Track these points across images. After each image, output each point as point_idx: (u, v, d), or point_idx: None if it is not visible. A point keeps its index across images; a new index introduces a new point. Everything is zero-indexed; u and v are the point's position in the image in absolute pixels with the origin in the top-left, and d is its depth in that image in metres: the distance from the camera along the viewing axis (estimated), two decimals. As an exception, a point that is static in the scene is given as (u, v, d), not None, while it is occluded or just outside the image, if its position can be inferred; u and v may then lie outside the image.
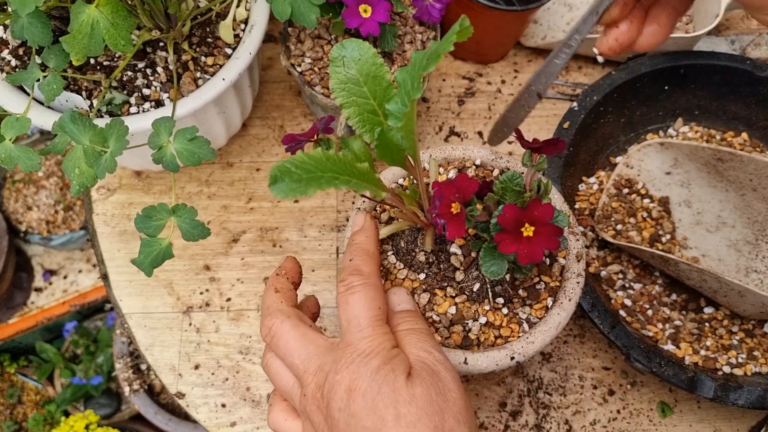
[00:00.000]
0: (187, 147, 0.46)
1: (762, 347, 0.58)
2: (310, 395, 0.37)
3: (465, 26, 0.32)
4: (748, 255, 0.61)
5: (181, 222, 0.46)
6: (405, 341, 0.38)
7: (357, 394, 0.34)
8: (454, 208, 0.37)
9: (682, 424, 0.60)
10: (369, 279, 0.40)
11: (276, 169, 0.31)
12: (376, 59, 0.38)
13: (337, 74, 0.38)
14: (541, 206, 0.35)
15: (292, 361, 0.38)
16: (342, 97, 0.38)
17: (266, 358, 0.41)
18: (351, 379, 0.35)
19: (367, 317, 0.37)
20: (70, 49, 0.45)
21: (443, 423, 0.34)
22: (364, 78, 0.38)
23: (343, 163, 0.34)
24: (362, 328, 0.37)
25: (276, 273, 0.45)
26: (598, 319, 0.54)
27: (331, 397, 0.35)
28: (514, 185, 0.40)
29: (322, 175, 0.33)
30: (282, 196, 0.31)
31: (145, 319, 0.65)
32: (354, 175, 0.35)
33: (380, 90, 0.38)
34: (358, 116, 0.39)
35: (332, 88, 0.38)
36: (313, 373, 0.37)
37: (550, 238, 0.36)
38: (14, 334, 1.31)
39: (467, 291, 0.44)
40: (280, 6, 0.51)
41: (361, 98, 0.38)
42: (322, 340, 0.38)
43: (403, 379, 0.35)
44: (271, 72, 0.75)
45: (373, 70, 0.38)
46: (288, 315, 0.40)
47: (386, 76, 0.38)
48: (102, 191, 0.70)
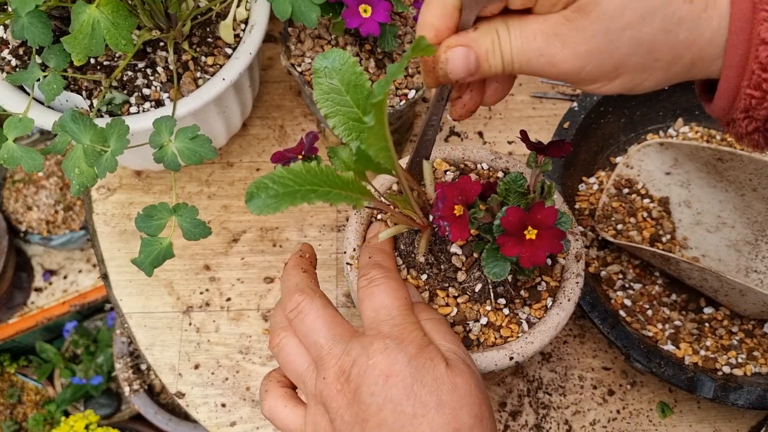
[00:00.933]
0: (189, 146, 0.46)
1: (762, 347, 0.58)
2: (332, 378, 0.36)
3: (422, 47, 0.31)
4: (748, 255, 0.61)
5: (182, 221, 0.46)
6: (432, 330, 0.38)
7: (396, 379, 0.34)
8: (457, 210, 0.37)
9: (682, 424, 0.60)
10: (390, 273, 0.40)
11: (253, 185, 0.31)
12: (355, 68, 0.38)
13: (320, 85, 0.38)
14: (545, 209, 0.35)
15: (316, 339, 0.37)
16: (326, 108, 0.39)
17: (279, 337, 0.39)
18: (387, 364, 0.34)
19: (396, 306, 0.37)
20: (71, 49, 0.45)
21: (482, 413, 0.35)
22: (346, 87, 0.38)
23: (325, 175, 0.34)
24: (393, 316, 0.37)
25: (299, 255, 0.44)
26: (598, 319, 0.55)
27: (363, 381, 0.34)
28: (518, 187, 0.40)
29: (299, 189, 0.32)
30: (257, 212, 0.31)
31: (145, 318, 0.65)
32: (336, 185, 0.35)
33: (362, 98, 0.38)
34: (343, 125, 0.39)
35: (316, 100, 0.39)
36: (337, 356, 0.36)
37: (553, 242, 0.36)
38: (14, 334, 1.31)
39: (469, 291, 0.44)
40: (281, 5, 0.51)
41: (345, 107, 0.39)
42: (348, 325, 0.38)
43: (443, 368, 0.35)
44: (271, 72, 0.75)
45: (353, 79, 0.38)
46: (318, 294, 0.40)
47: (366, 84, 0.38)
48: (102, 191, 0.70)
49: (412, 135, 0.71)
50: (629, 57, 0.31)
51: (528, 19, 0.32)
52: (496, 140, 0.71)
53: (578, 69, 0.32)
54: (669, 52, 0.31)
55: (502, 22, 0.33)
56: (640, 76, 0.32)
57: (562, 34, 0.31)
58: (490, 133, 0.72)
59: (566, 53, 0.31)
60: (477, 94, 0.39)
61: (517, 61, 0.33)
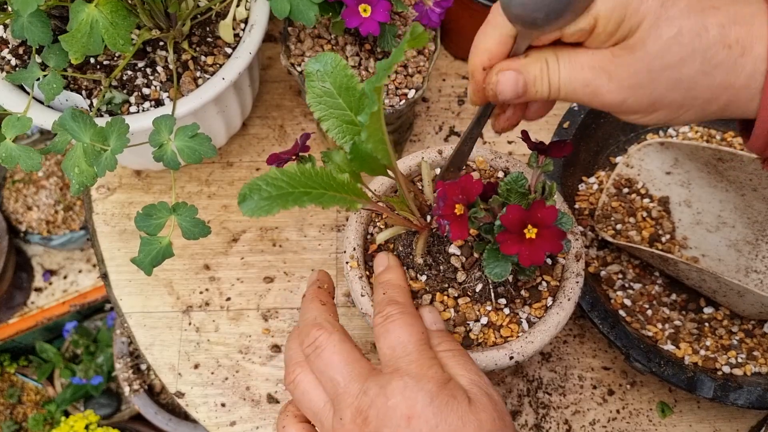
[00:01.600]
0: (188, 144, 0.46)
1: (762, 347, 0.58)
2: (348, 420, 0.35)
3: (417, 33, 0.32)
4: (748, 255, 0.61)
5: (182, 220, 0.46)
6: (450, 363, 0.38)
7: (419, 420, 0.34)
8: (458, 209, 0.37)
9: (682, 424, 0.60)
10: (406, 308, 0.39)
11: (246, 187, 0.31)
12: (347, 71, 0.38)
13: (313, 88, 0.39)
14: (545, 208, 0.35)
15: (333, 376, 0.37)
16: (320, 111, 0.39)
17: (295, 374, 0.39)
18: (408, 405, 0.34)
19: (412, 341, 0.37)
20: (68, 48, 0.45)
21: None
22: (338, 90, 0.38)
23: (320, 177, 0.34)
24: (409, 352, 0.37)
25: (317, 286, 0.44)
26: (598, 319, 0.54)
27: (384, 424, 0.34)
28: (519, 187, 0.40)
29: (292, 192, 0.32)
30: (249, 214, 0.31)
31: (144, 318, 0.65)
32: (331, 187, 0.34)
33: (354, 101, 0.38)
34: (337, 128, 0.39)
35: (309, 103, 0.39)
36: (354, 395, 0.35)
37: (553, 241, 0.36)
38: (14, 334, 1.31)
39: (469, 292, 0.44)
40: (279, 4, 0.51)
41: (338, 110, 0.39)
42: (366, 362, 0.37)
43: (466, 404, 0.35)
44: (271, 72, 0.75)
45: (345, 82, 0.38)
46: (337, 329, 0.39)
47: (358, 87, 0.38)
48: (102, 190, 0.70)
49: (412, 135, 0.71)
50: (668, 93, 0.33)
51: (577, 51, 0.35)
52: (496, 140, 0.71)
53: (620, 101, 0.34)
54: (706, 92, 0.33)
55: (551, 52, 0.35)
56: (677, 111, 0.34)
57: (608, 69, 0.34)
58: (490, 132, 0.72)
59: (611, 86, 0.34)
60: (519, 110, 0.41)
61: (563, 90, 0.35)
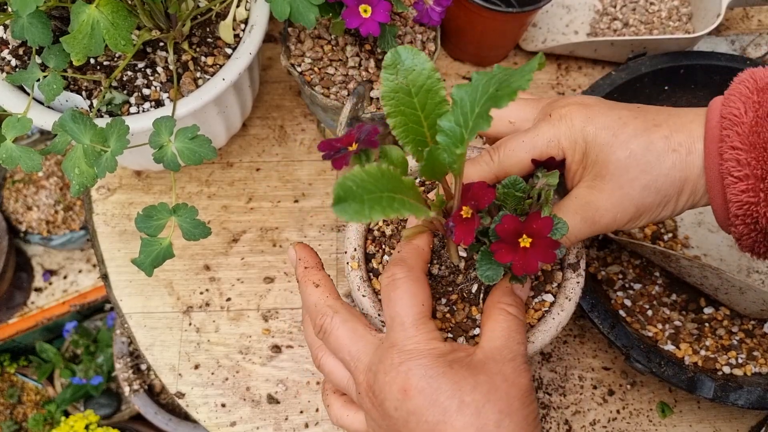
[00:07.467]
0: (188, 146, 0.46)
1: (762, 347, 0.58)
2: (364, 392, 0.38)
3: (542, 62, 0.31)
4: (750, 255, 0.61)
5: (182, 221, 0.46)
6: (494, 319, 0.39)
7: (414, 392, 0.35)
8: (465, 212, 0.37)
9: (682, 424, 0.60)
10: (412, 272, 0.39)
11: (339, 188, 0.29)
12: (434, 73, 0.37)
13: (388, 82, 0.37)
14: (541, 219, 0.35)
15: (343, 357, 0.39)
16: (390, 106, 0.37)
17: (319, 358, 0.42)
18: (403, 379, 0.35)
19: (409, 315, 0.37)
20: (70, 49, 0.45)
21: (510, 406, 0.35)
22: (416, 89, 0.37)
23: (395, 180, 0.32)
24: (406, 327, 0.37)
25: (303, 266, 0.44)
26: (598, 319, 0.54)
27: (384, 397, 0.36)
28: (516, 191, 0.40)
29: (381, 196, 0.31)
30: (347, 219, 0.30)
31: (145, 318, 0.65)
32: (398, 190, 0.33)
33: (431, 104, 0.37)
34: (402, 127, 0.37)
35: (382, 96, 0.37)
36: (363, 371, 0.38)
37: (546, 251, 0.35)
38: (14, 334, 1.31)
39: (465, 292, 0.44)
40: (280, 5, 0.51)
41: (409, 109, 0.37)
42: (370, 336, 0.39)
43: (463, 370, 0.35)
44: (271, 72, 0.75)
45: (428, 84, 0.37)
46: (336, 310, 0.40)
47: (441, 92, 0.37)
48: (102, 191, 0.70)
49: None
50: (644, 198, 0.39)
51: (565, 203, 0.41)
52: (496, 140, 0.71)
53: (612, 219, 0.40)
54: (671, 188, 0.39)
55: None
56: (657, 210, 0.40)
57: (591, 201, 0.40)
58: (490, 133, 0.72)
59: (599, 212, 0.40)
60: None
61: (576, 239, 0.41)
